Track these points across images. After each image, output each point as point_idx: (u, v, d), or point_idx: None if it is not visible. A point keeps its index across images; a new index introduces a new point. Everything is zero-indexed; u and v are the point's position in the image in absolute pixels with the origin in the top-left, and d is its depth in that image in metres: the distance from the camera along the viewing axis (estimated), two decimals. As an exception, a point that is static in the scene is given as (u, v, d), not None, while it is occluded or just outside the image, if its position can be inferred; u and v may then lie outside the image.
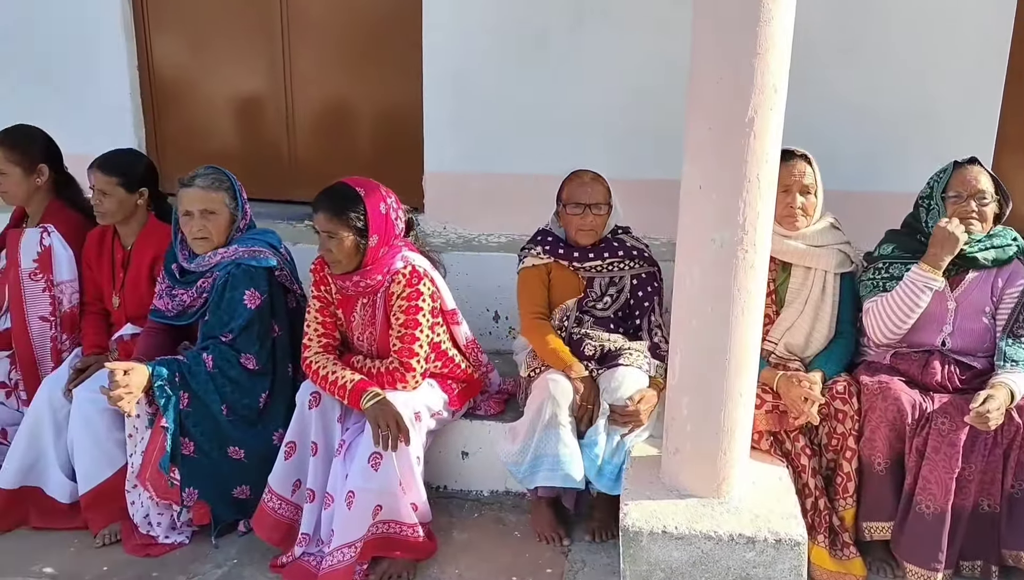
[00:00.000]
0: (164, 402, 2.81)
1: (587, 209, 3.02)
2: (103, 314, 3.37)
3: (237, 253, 2.94)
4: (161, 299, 3.07)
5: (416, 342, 2.81)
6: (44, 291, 3.24)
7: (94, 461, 3.03)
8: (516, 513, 3.16)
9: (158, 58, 4.21)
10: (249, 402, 2.94)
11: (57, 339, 3.25)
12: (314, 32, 4.06)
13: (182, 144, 4.30)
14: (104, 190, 3.15)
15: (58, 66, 4.17)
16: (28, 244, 3.26)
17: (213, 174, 2.99)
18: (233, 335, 2.91)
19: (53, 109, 4.16)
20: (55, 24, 4.12)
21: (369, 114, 4.14)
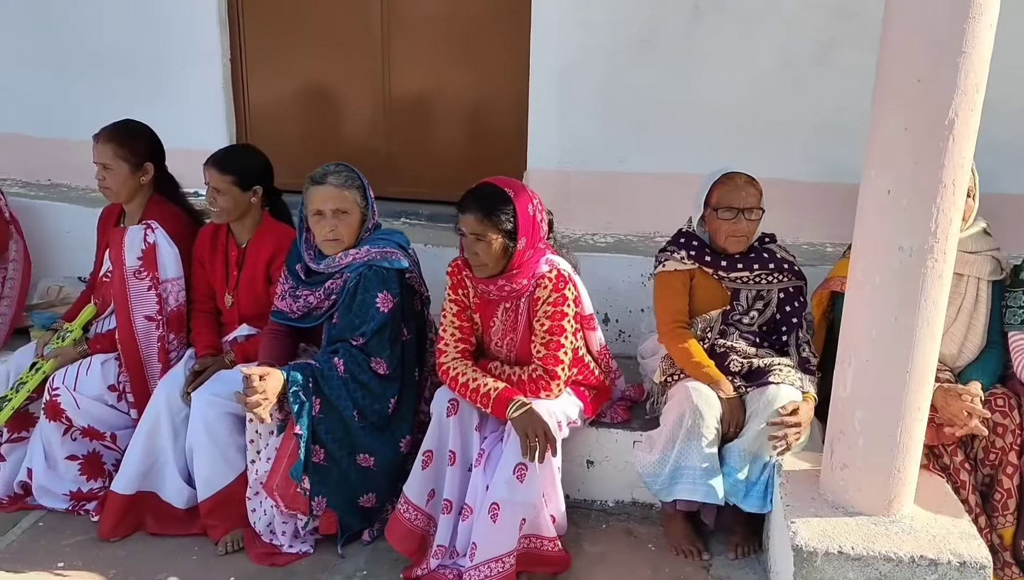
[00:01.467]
0: (298, 408, 2.70)
1: (740, 214, 2.90)
2: (213, 313, 3.27)
3: (369, 254, 2.83)
4: (284, 300, 2.96)
5: (561, 349, 2.70)
6: (149, 290, 3.13)
7: (215, 466, 2.93)
8: (646, 524, 3.06)
9: (251, 51, 4.10)
10: (379, 408, 2.84)
11: (164, 339, 3.14)
12: (415, 25, 3.94)
13: (273, 139, 4.17)
14: (219, 188, 3.04)
15: (150, 58, 4.07)
16: (132, 242, 3.14)
17: (345, 172, 2.87)
18: (365, 339, 2.80)
19: (143, 102, 4.08)
20: (150, 16, 4.01)
21: (469, 109, 4.03)
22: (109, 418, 3.12)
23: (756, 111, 3.70)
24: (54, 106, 4.25)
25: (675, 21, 3.64)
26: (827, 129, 3.68)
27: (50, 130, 4.27)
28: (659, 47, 3.67)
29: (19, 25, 4.17)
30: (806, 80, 3.65)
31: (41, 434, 3.09)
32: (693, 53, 3.66)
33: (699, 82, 3.69)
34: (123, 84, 4.13)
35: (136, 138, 3.20)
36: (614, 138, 3.79)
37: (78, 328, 3.23)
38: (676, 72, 3.69)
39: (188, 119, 3.98)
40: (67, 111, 4.24)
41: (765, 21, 3.61)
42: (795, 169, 3.64)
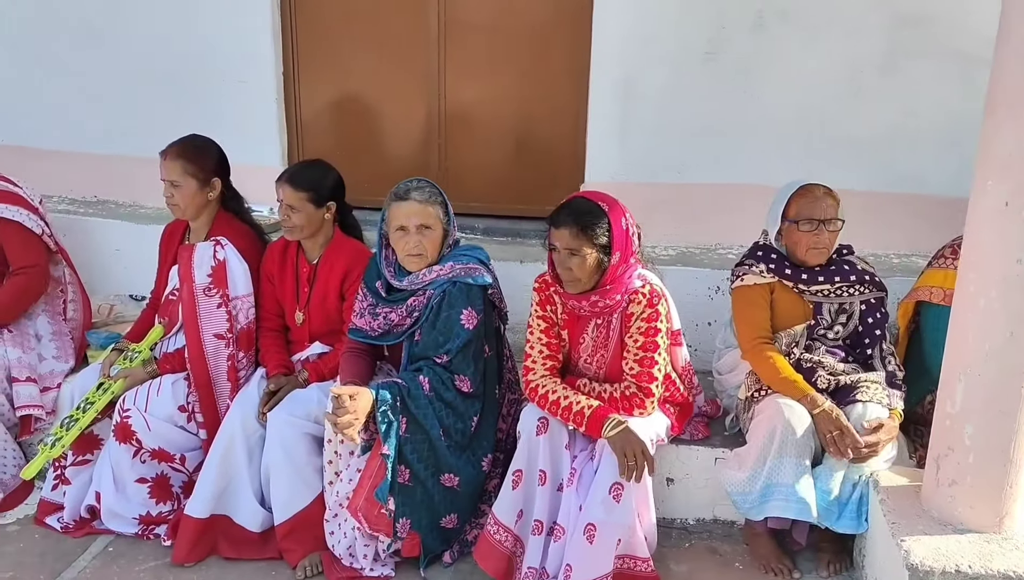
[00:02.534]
0: (386, 428, 2.64)
1: (820, 225, 2.85)
2: (282, 331, 3.21)
3: (453, 270, 2.78)
4: (362, 318, 2.90)
5: (655, 366, 2.64)
6: (219, 307, 3.07)
7: (292, 488, 2.87)
8: (729, 543, 3.00)
9: (304, 64, 4.04)
10: (463, 426, 2.78)
11: (234, 358, 3.08)
12: (472, 37, 3.90)
13: (325, 152, 4.10)
14: (293, 205, 2.99)
15: (201, 71, 4.01)
16: (201, 258, 3.09)
17: (428, 187, 2.82)
18: (449, 356, 2.74)
19: (193, 115, 4.03)
20: (202, 30, 3.96)
21: (525, 121, 3.98)
22: (179, 439, 3.05)
23: (819, 121, 3.66)
24: (101, 121, 4.18)
25: (738, 31, 3.61)
26: (892, 139, 3.65)
27: (96, 146, 4.21)
28: (722, 57, 3.63)
29: (65, 40, 4.10)
30: (870, 89, 3.62)
31: (110, 456, 3.02)
32: (756, 63, 3.63)
33: (762, 92, 3.65)
34: (173, 98, 4.07)
35: (204, 153, 3.14)
36: (676, 150, 3.75)
37: (146, 348, 3.17)
38: (739, 82, 3.65)
39: (240, 133, 3.92)
40: (114, 126, 4.17)
41: (829, 31, 3.58)
42: (858, 179, 3.60)
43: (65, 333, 3.53)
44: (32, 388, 3.30)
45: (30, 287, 3.37)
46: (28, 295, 3.37)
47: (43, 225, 3.41)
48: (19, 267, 3.36)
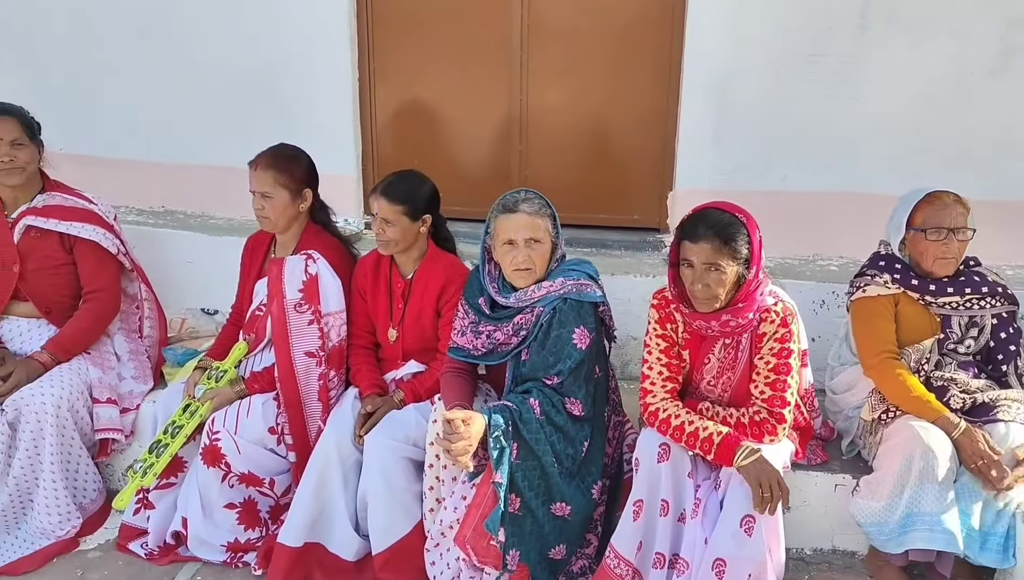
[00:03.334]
0: (498, 454, 2.49)
1: (950, 234, 2.68)
2: (373, 349, 3.07)
3: (564, 286, 2.62)
4: (464, 336, 2.76)
5: (788, 389, 2.47)
6: (311, 324, 2.93)
7: (391, 516, 2.73)
8: (851, 574, 2.82)
9: (380, 71, 3.91)
10: (573, 452, 2.62)
11: (326, 377, 2.94)
12: (556, 40, 3.75)
13: (401, 160, 3.97)
14: (388, 218, 2.85)
15: (279, 79, 3.88)
16: (292, 273, 2.95)
17: (536, 199, 2.67)
18: (561, 378, 2.59)
19: (266, 124, 3.89)
20: (279, 37, 3.83)
21: (610, 128, 3.82)
22: (268, 463, 2.92)
23: (925, 126, 3.48)
24: (168, 130, 4.07)
25: (840, 32, 3.43)
26: (1003, 144, 3.47)
27: (164, 155, 4.09)
28: (823, 59, 3.46)
29: (133, 47, 3.99)
30: (980, 92, 3.44)
31: (197, 481, 2.89)
32: (859, 65, 3.46)
33: (865, 96, 3.48)
34: (242, 106, 3.94)
35: (295, 163, 3.01)
36: (773, 156, 3.58)
37: (231, 366, 3.04)
38: (841, 85, 3.48)
39: (313, 141, 3.78)
40: (182, 135, 4.06)
41: (936, 31, 3.40)
42: (968, 187, 3.39)
43: (142, 352, 3.41)
44: (113, 410, 3.17)
45: (103, 313, 3.25)
46: (101, 321, 3.25)
47: (118, 243, 3.29)
48: (91, 290, 3.24)
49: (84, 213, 3.22)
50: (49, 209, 3.18)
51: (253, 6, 3.83)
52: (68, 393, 3.03)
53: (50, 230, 3.16)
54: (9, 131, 3.07)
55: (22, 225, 3.15)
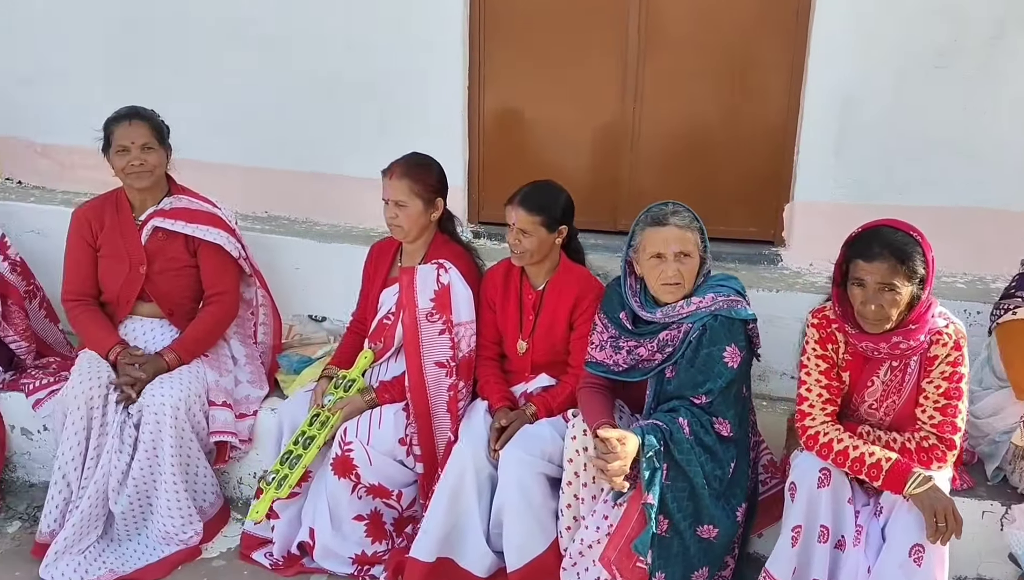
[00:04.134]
0: (650, 475, 2.42)
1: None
2: (499, 360, 3.03)
3: (715, 303, 2.56)
4: (603, 350, 2.70)
5: (959, 415, 2.38)
6: (442, 334, 2.90)
7: (528, 533, 2.68)
8: (998, 604, 2.73)
9: (490, 76, 3.85)
10: (721, 474, 2.55)
11: (455, 387, 2.90)
12: (674, 48, 3.67)
13: (507, 169, 3.94)
14: (525, 229, 2.80)
15: (387, 87, 3.84)
16: (424, 282, 2.92)
17: (685, 211, 2.61)
18: (710, 398, 2.52)
19: (374, 128, 3.89)
20: (390, 45, 3.79)
21: (725, 137, 3.74)
22: (397, 475, 2.89)
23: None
24: (271, 134, 4.05)
25: (973, 40, 3.32)
26: None
27: (266, 160, 4.07)
28: (953, 69, 3.35)
29: (241, 55, 3.98)
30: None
31: (327, 491, 2.86)
32: (992, 76, 3.34)
33: (998, 107, 3.36)
34: (351, 114, 3.91)
35: (429, 172, 2.98)
36: (897, 169, 3.48)
37: (359, 375, 3.00)
38: (972, 96, 3.36)
39: (421, 149, 3.79)
40: (285, 139, 4.04)
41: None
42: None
43: (256, 357, 3.40)
44: (228, 414, 3.16)
45: (223, 317, 3.26)
46: (221, 325, 3.26)
47: (239, 248, 3.29)
48: (212, 293, 3.24)
49: (209, 217, 3.22)
50: (176, 212, 3.18)
51: (365, 13, 3.79)
52: (186, 395, 3.03)
53: (176, 232, 3.17)
54: (141, 135, 3.08)
55: (150, 227, 3.16)
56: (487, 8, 3.77)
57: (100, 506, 2.96)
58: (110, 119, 3.14)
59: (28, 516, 3.27)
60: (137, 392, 2.99)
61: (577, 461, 2.62)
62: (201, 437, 3.10)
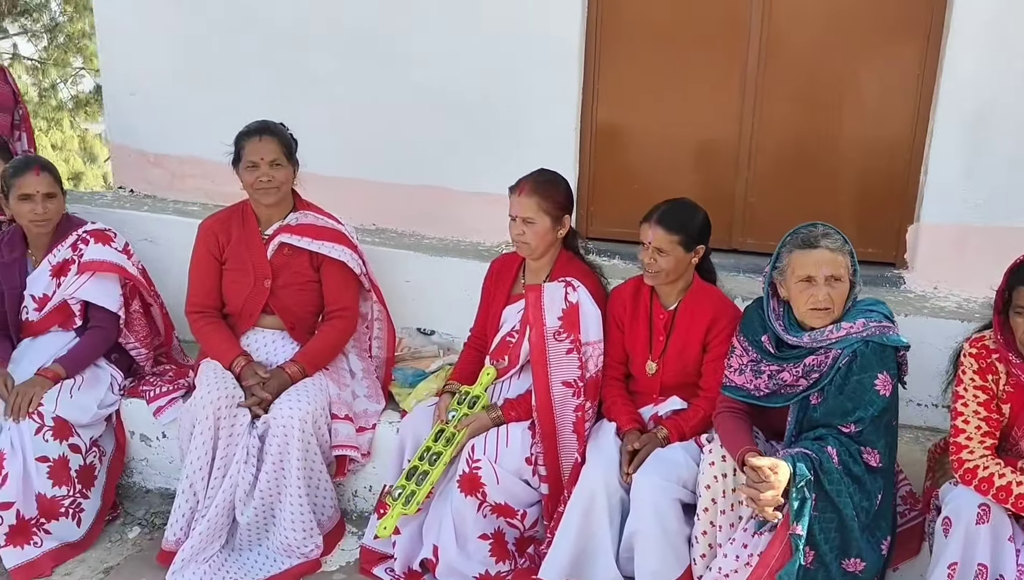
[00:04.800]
0: (799, 505, 2.35)
1: None
2: (625, 381, 2.98)
3: (867, 328, 2.48)
4: (742, 374, 2.64)
5: (1123, 450, 2.28)
6: (569, 353, 2.86)
7: (663, 560, 2.62)
8: None
9: (603, 92, 3.82)
10: (868, 505, 2.46)
11: (582, 408, 2.86)
12: (795, 61, 3.60)
13: (618, 185, 3.91)
14: (662, 248, 2.75)
15: (497, 99, 3.84)
16: (552, 300, 2.89)
17: (836, 234, 2.53)
18: (860, 427, 2.44)
19: (483, 143, 3.88)
20: (502, 57, 3.77)
21: (846, 153, 3.65)
22: (522, 494, 2.85)
23: None
24: (378, 148, 4.06)
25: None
26: None
27: (374, 173, 4.08)
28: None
29: (351, 67, 4.00)
30: None
31: (452, 509, 2.83)
32: None
33: None
34: (459, 126, 3.90)
35: (557, 189, 2.95)
36: (1031, 190, 3.36)
37: (483, 393, 2.98)
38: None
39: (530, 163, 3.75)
40: (393, 153, 4.04)
41: None
42: None
43: (372, 371, 3.41)
44: (350, 427, 3.17)
45: (345, 332, 3.28)
46: (342, 340, 3.28)
47: (361, 264, 3.30)
48: (334, 309, 3.26)
49: (333, 233, 3.24)
50: (302, 228, 3.21)
51: (477, 25, 3.79)
52: (313, 408, 3.03)
53: (302, 248, 3.19)
54: (270, 151, 3.10)
55: (276, 242, 3.18)
56: (603, 23, 3.75)
57: (226, 516, 2.98)
58: (241, 133, 3.17)
59: (146, 522, 3.31)
60: (264, 410, 3.01)
61: (715, 488, 2.56)
62: (324, 450, 3.11)
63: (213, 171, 4.34)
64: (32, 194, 3.23)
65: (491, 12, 3.75)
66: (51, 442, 3.04)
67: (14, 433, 3.00)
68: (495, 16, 3.75)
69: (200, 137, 4.26)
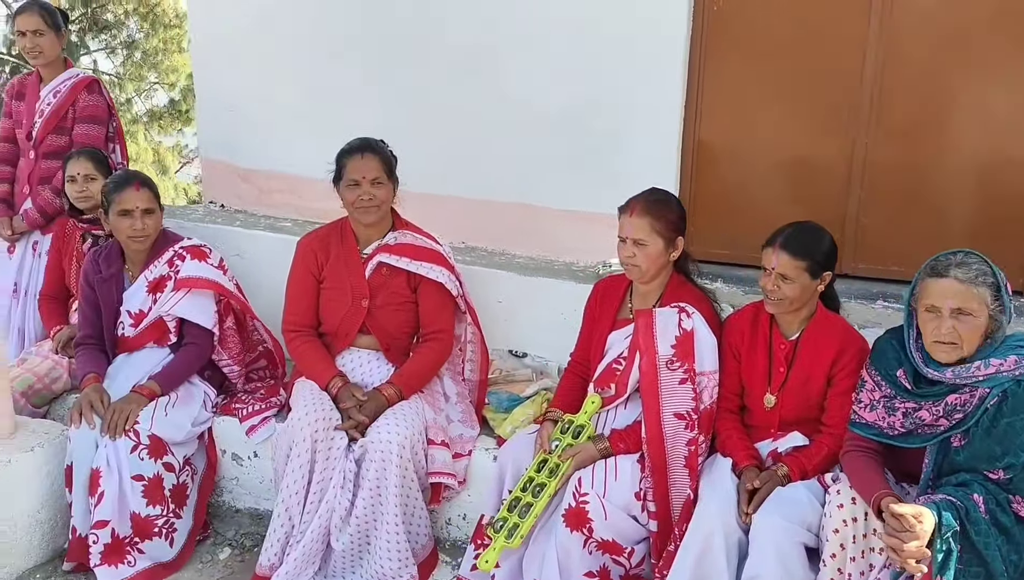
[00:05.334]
0: (943, 557, 2.17)
1: None
2: (740, 414, 2.82)
3: (1019, 366, 2.28)
4: (873, 411, 2.46)
5: None
6: (682, 383, 2.71)
7: (785, 605, 2.45)
8: None
9: (707, 108, 3.67)
10: (1017, 559, 2.25)
11: (695, 442, 2.71)
12: (912, 80, 3.41)
13: (720, 203, 3.75)
14: (786, 275, 2.60)
15: (592, 115, 3.72)
16: (664, 326, 2.75)
17: (977, 263, 2.34)
18: (1009, 473, 2.25)
19: (577, 160, 3.77)
20: (601, 72, 3.66)
21: (973, 169, 3.42)
22: (631, 531, 2.71)
23: None
24: (470, 165, 3.97)
25: None
26: None
27: (468, 190, 3.99)
28: None
29: (449, 85, 3.92)
30: None
31: (557, 543, 2.70)
32: None
33: None
34: (552, 143, 3.79)
35: (670, 208, 2.82)
36: None
37: (588, 422, 2.85)
38: None
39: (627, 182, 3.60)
40: (486, 171, 3.95)
41: None
42: None
43: (466, 394, 3.32)
44: (446, 453, 3.07)
45: (441, 354, 3.21)
46: (439, 363, 3.22)
47: (458, 285, 3.22)
48: (431, 331, 3.19)
49: (432, 253, 3.16)
50: (401, 247, 3.14)
51: (578, 41, 3.68)
52: (411, 433, 2.95)
53: (400, 268, 3.11)
54: (371, 169, 3.04)
55: (375, 261, 3.12)
56: (708, 37, 3.61)
57: (321, 542, 2.91)
58: (343, 151, 3.12)
59: (237, 543, 3.26)
60: (361, 433, 2.94)
61: (844, 532, 2.39)
62: (420, 477, 3.02)
63: (300, 186, 4.32)
64: (132, 210, 3.22)
65: (594, 27, 3.63)
66: (146, 460, 3.01)
67: (110, 451, 2.98)
68: (598, 31, 3.64)
69: (288, 153, 4.26)
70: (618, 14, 3.60)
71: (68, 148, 4.00)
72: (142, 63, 15.65)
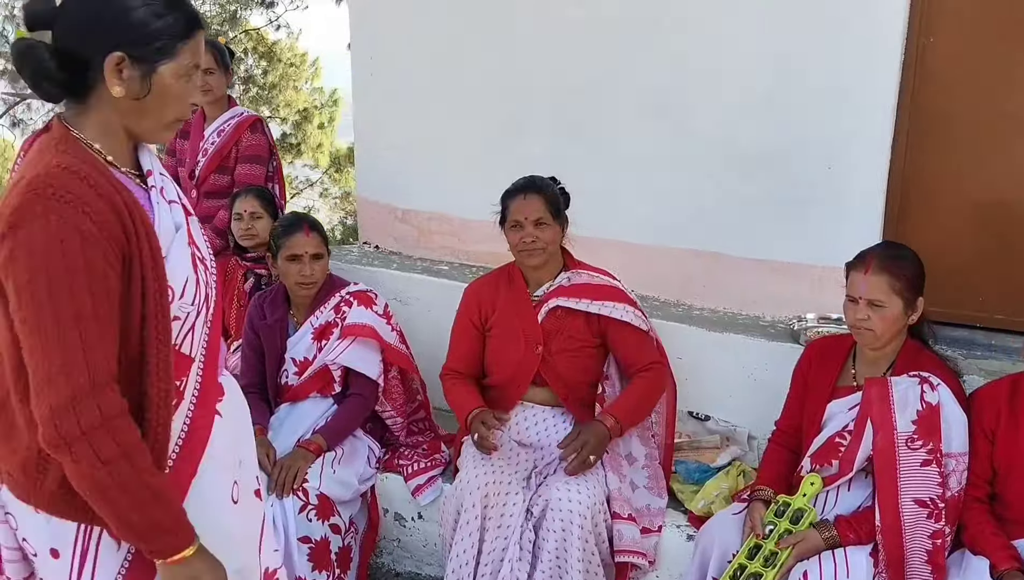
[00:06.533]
0: None
1: None
2: (990, 503, 2.42)
3: None
4: None
5: None
6: (926, 464, 2.34)
7: None
8: None
9: (914, 145, 3.30)
10: None
11: (942, 535, 2.32)
12: None
13: (925, 251, 3.34)
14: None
15: (788, 158, 3.39)
16: (904, 399, 2.39)
17: None
18: None
19: (770, 199, 3.43)
20: (806, 110, 3.33)
21: None
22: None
23: None
24: (653, 209, 3.67)
25: None
26: None
27: (645, 237, 3.70)
28: None
29: (637, 124, 3.66)
30: None
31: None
32: None
33: None
34: (748, 186, 3.45)
35: (909, 265, 2.47)
36: None
37: (808, 506, 2.50)
38: None
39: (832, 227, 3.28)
40: (667, 212, 3.64)
41: None
42: None
43: (655, 458, 3.01)
44: (634, 529, 2.77)
45: (659, 381, 2.94)
46: (656, 392, 2.95)
47: (643, 320, 2.99)
48: (643, 365, 2.91)
49: (613, 291, 2.95)
50: (577, 288, 2.92)
51: (787, 77, 3.34)
52: (592, 502, 2.68)
53: (579, 310, 2.88)
54: (534, 210, 2.84)
55: (550, 305, 2.89)
56: (926, 59, 3.22)
57: (495, 621, 2.65)
58: (507, 191, 2.94)
59: (397, 611, 3.04)
60: None
61: None
62: (602, 553, 2.72)
63: (460, 228, 4.14)
64: (301, 255, 3.10)
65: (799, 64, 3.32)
66: (314, 522, 2.83)
67: (277, 510, 2.80)
68: (804, 63, 3.32)
69: (451, 193, 4.08)
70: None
71: (230, 188, 3.96)
72: (258, 97, 16.19)
